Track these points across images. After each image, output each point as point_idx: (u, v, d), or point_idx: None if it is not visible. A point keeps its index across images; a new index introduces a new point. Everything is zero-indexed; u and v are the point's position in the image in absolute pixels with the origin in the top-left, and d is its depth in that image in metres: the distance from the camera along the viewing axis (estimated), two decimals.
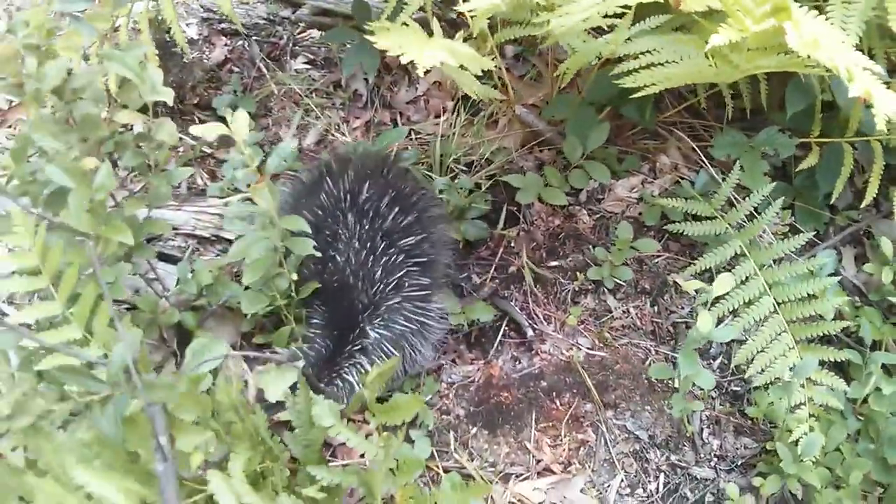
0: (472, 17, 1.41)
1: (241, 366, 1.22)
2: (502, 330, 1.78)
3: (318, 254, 1.46)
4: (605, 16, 1.44)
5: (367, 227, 1.54)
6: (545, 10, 1.31)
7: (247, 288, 1.52)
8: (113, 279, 1.36)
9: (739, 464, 1.64)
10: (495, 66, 1.81)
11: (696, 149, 1.97)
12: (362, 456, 1.46)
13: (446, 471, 1.57)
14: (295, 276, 1.50)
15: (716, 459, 1.65)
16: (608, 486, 1.59)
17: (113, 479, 0.94)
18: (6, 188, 1.39)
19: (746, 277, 1.72)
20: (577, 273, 1.83)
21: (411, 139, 2.08)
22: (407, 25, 1.38)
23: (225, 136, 1.31)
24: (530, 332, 1.75)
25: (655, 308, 1.82)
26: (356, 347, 1.51)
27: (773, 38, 1.22)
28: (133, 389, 0.93)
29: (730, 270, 1.73)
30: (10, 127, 2.11)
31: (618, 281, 1.82)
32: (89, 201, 1.25)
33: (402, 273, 1.54)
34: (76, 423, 1.25)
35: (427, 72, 1.24)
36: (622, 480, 1.59)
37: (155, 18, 1.97)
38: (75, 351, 1.10)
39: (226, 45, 2.26)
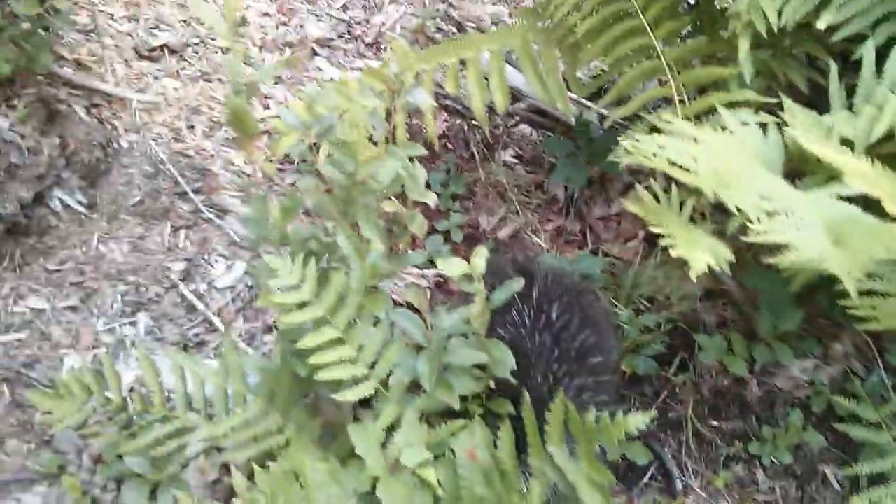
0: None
1: None
2: (650, 472, 1.85)
3: (514, 380, 1.52)
4: None
5: (562, 347, 1.62)
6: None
7: None
8: None
9: None
10: None
11: (871, 345, 2.00)
12: None
13: None
14: (492, 384, 1.60)
15: None
16: None
17: None
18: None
19: None
20: (735, 440, 1.89)
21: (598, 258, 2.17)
22: (694, 222, 1.45)
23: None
24: (679, 485, 1.82)
25: (800, 493, 1.86)
26: None
27: None
28: None
29: (885, 484, 1.76)
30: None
31: (774, 460, 1.86)
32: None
33: (587, 396, 1.61)
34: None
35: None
36: None
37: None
38: None
39: (445, 120, 2.40)
